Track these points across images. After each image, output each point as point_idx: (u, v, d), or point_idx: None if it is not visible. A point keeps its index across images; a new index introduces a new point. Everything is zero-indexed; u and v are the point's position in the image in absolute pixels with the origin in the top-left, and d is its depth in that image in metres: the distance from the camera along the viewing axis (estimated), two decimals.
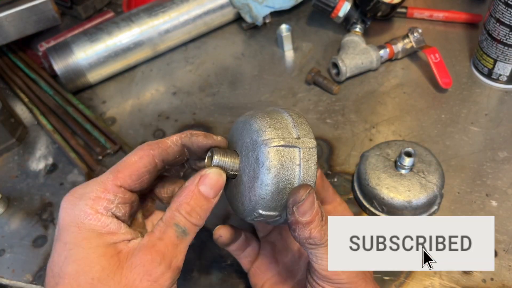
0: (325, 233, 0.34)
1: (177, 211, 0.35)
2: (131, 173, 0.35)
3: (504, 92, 0.62)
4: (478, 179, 0.53)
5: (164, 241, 0.34)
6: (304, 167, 0.34)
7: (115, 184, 0.35)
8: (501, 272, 0.46)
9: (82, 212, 0.33)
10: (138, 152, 0.36)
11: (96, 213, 0.34)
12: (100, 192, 0.34)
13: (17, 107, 0.69)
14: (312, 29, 0.75)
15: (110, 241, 0.33)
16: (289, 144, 0.34)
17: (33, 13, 0.69)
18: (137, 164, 0.36)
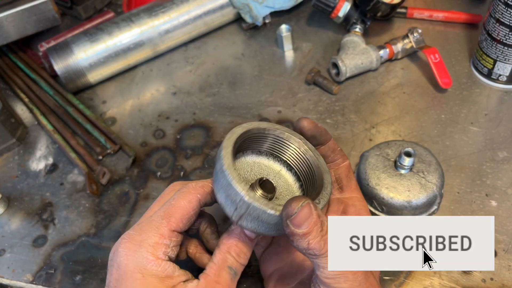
0: (325, 243, 0.34)
1: (228, 253, 0.38)
2: (182, 217, 0.38)
3: (503, 92, 0.62)
4: (478, 179, 0.53)
5: (221, 285, 0.37)
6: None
7: (170, 229, 0.37)
8: (500, 272, 0.46)
9: (145, 259, 0.36)
10: (186, 196, 0.38)
11: (157, 259, 0.36)
12: (158, 238, 0.37)
13: (18, 107, 0.69)
14: (312, 29, 0.75)
15: (170, 285, 0.36)
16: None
17: (33, 13, 0.70)
18: (187, 208, 0.38)
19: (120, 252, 0.37)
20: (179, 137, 0.62)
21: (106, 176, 0.58)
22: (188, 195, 0.38)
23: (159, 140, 0.62)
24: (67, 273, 0.51)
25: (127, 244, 0.37)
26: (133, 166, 0.60)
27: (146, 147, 0.62)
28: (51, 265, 0.52)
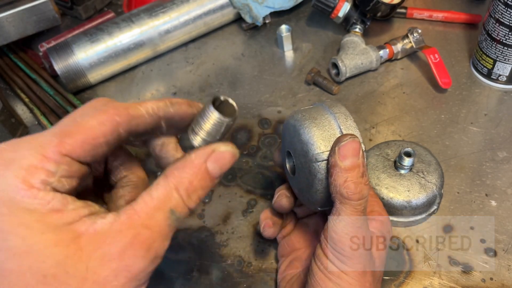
0: (361, 191, 0.33)
1: (176, 190, 0.28)
2: (84, 141, 0.27)
3: (503, 92, 0.62)
4: (478, 179, 0.53)
5: (151, 230, 0.26)
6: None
7: (59, 151, 0.26)
8: (500, 272, 0.46)
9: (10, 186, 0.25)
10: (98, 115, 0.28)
11: (31, 187, 0.25)
12: (36, 159, 0.26)
13: (18, 107, 0.69)
14: (312, 29, 0.75)
15: (59, 223, 0.25)
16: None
17: (33, 13, 0.70)
18: (95, 130, 0.27)
19: None
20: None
21: None
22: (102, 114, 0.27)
23: None
24: None
25: None
26: None
27: None
28: None
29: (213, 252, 0.50)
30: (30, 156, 0.26)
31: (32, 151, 0.26)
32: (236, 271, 0.49)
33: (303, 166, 0.38)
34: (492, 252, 0.47)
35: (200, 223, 0.53)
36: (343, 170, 0.33)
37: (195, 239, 0.52)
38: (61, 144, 0.26)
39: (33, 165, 0.25)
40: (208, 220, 0.53)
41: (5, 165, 0.25)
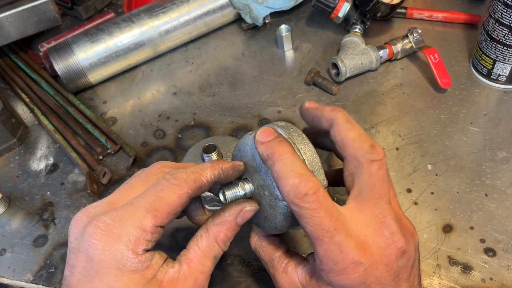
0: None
1: (216, 242, 0.37)
2: (169, 213, 0.35)
3: (503, 92, 0.62)
4: (477, 179, 0.53)
5: (204, 274, 0.36)
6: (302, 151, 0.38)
7: (154, 224, 0.34)
8: (500, 272, 0.46)
9: (124, 257, 0.33)
10: (177, 191, 0.35)
11: (137, 255, 0.33)
12: (139, 233, 0.34)
13: (18, 107, 0.69)
14: (312, 29, 0.75)
15: (150, 276, 0.34)
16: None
17: (33, 13, 0.70)
18: (176, 204, 0.35)
19: (94, 244, 0.33)
20: (180, 137, 0.63)
21: (106, 176, 0.58)
22: (179, 189, 0.35)
23: (159, 140, 0.63)
24: None
25: (103, 237, 0.33)
26: (133, 166, 0.60)
27: (146, 147, 0.62)
28: (52, 264, 0.52)
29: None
30: (134, 231, 0.33)
31: (135, 227, 0.34)
32: (236, 271, 0.49)
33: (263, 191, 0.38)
34: (491, 252, 0.48)
35: None
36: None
37: None
38: (155, 218, 0.34)
39: (137, 238, 0.34)
40: None
41: (117, 240, 0.33)
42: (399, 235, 0.35)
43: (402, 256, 0.35)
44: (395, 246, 0.35)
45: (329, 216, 0.33)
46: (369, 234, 0.35)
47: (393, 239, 0.35)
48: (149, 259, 0.34)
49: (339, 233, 0.33)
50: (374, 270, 0.34)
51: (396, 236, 0.35)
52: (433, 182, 0.54)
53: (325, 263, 0.34)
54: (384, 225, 0.35)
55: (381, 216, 0.35)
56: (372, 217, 0.35)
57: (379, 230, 0.35)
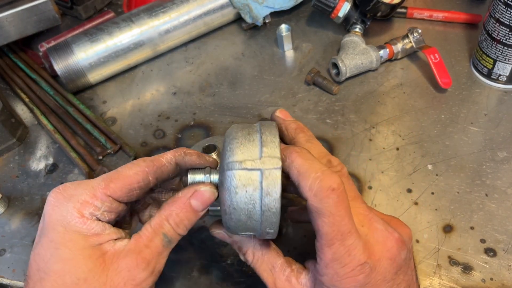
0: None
1: (167, 220, 0.37)
2: (122, 186, 0.37)
3: (503, 92, 0.62)
4: (478, 179, 0.53)
5: (150, 249, 0.36)
6: (265, 188, 0.34)
7: (105, 192, 0.36)
8: (500, 272, 0.46)
9: (69, 214, 0.35)
10: (133, 167, 0.37)
11: (82, 217, 0.35)
12: (88, 197, 0.36)
13: (18, 107, 0.69)
14: (312, 29, 0.75)
15: (95, 243, 0.35)
16: (249, 167, 0.34)
17: (33, 13, 0.70)
18: (131, 178, 0.37)
19: (48, 201, 0.36)
20: (179, 137, 0.63)
21: None
22: (136, 166, 0.37)
23: (159, 140, 0.63)
24: None
25: (58, 195, 0.36)
26: None
27: (146, 147, 0.62)
28: None
29: (213, 252, 0.50)
30: (85, 194, 0.36)
31: (86, 190, 0.36)
32: (236, 271, 0.49)
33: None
34: (492, 252, 0.47)
35: (200, 223, 0.53)
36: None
37: (195, 239, 0.52)
38: (106, 187, 0.36)
39: (85, 201, 0.36)
40: (208, 220, 0.53)
41: (67, 198, 0.36)
42: (390, 227, 0.35)
43: (403, 247, 0.35)
44: (393, 238, 0.35)
45: (348, 216, 0.33)
46: (367, 233, 0.35)
47: (388, 231, 0.35)
48: (100, 227, 0.35)
49: (351, 235, 0.33)
50: (379, 267, 0.34)
51: (389, 228, 0.35)
52: (433, 182, 0.54)
53: (331, 267, 0.34)
54: (374, 220, 0.35)
55: (367, 213, 0.36)
56: (361, 217, 0.35)
57: (372, 226, 0.35)
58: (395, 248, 0.34)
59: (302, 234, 0.51)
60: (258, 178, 0.34)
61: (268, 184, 0.34)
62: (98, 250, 0.35)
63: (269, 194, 0.34)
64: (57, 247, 0.34)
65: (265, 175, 0.34)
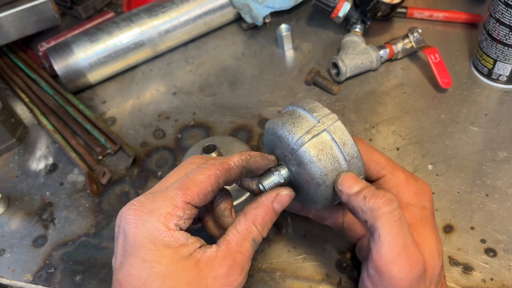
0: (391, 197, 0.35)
1: (254, 224, 0.38)
2: (199, 192, 0.36)
3: (504, 92, 0.62)
4: (478, 179, 0.53)
5: (243, 254, 0.37)
6: (339, 141, 0.37)
7: (184, 200, 0.36)
8: (500, 272, 0.46)
9: (155, 229, 0.34)
10: (205, 171, 0.37)
11: (169, 229, 0.35)
12: (170, 208, 0.35)
13: (18, 107, 0.69)
14: (312, 29, 0.75)
15: (186, 254, 0.35)
16: (315, 133, 0.37)
17: (33, 13, 0.70)
18: (205, 183, 0.37)
19: (128, 220, 0.35)
20: (179, 137, 0.62)
21: (106, 176, 0.58)
22: (207, 170, 0.37)
23: (159, 140, 0.63)
24: (67, 273, 0.51)
25: (137, 212, 0.35)
26: (133, 166, 0.60)
27: (146, 147, 0.62)
28: (51, 265, 0.52)
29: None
30: (165, 206, 0.35)
31: (166, 202, 0.35)
32: None
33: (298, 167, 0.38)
34: (492, 252, 0.47)
35: None
36: (356, 194, 0.36)
37: None
38: (185, 195, 0.36)
39: (168, 213, 0.35)
40: None
41: (149, 213, 0.35)
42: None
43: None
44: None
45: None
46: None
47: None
48: (185, 237, 0.35)
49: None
50: None
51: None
52: (433, 182, 0.54)
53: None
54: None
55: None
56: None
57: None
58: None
59: (302, 234, 0.51)
60: (329, 137, 0.37)
61: (339, 137, 0.37)
62: (191, 261, 0.35)
63: (345, 144, 0.37)
64: (152, 266, 0.34)
65: (332, 131, 0.37)
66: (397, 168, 0.42)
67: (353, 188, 0.36)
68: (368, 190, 0.36)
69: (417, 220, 0.39)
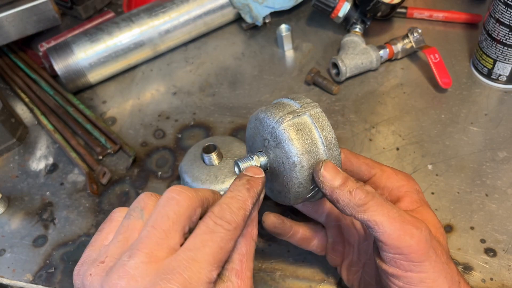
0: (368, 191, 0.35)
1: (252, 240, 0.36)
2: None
3: (503, 92, 0.62)
4: (478, 179, 0.53)
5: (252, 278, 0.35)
6: (319, 125, 0.37)
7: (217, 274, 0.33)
8: (500, 272, 0.46)
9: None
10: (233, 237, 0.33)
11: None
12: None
13: (18, 107, 0.69)
14: (312, 29, 0.75)
15: None
16: (296, 114, 0.37)
17: (33, 13, 0.70)
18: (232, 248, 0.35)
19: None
20: (179, 137, 0.62)
21: (106, 176, 0.58)
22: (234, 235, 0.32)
23: (159, 140, 0.63)
24: (67, 273, 0.51)
25: None
26: (133, 166, 0.60)
27: (146, 147, 0.62)
28: (51, 264, 0.52)
29: None
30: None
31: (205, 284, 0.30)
32: None
33: (275, 150, 0.38)
34: (492, 252, 0.47)
35: None
36: (341, 188, 0.35)
37: None
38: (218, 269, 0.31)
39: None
40: None
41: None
42: None
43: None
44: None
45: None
46: None
47: None
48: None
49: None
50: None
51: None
52: (433, 182, 0.54)
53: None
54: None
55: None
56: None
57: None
58: None
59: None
60: (309, 120, 0.37)
61: (319, 122, 0.37)
62: None
63: (324, 128, 0.37)
64: None
65: (312, 115, 0.37)
66: (383, 165, 0.42)
67: (336, 180, 0.35)
68: (351, 184, 0.35)
69: (417, 204, 0.39)
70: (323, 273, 0.48)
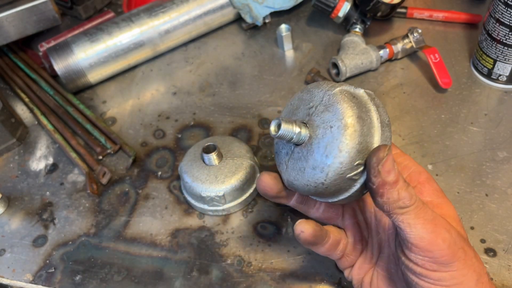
0: (414, 193, 0.33)
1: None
2: None
3: (503, 92, 0.62)
4: (478, 179, 0.53)
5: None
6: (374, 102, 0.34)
7: None
8: (500, 272, 0.46)
9: None
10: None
11: None
12: None
13: (18, 107, 0.69)
14: (312, 29, 0.75)
15: None
16: (351, 87, 0.34)
17: (33, 13, 0.70)
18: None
19: None
20: (179, 137, 0.63)
21: (106, 176, 0.58)
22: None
23: (159, 140, 0.63)
24: (67, 273, 0.51)
25: None
26: (133, 166, 0.60)
27: (146, 147, 0.62)
28: (51, 264, 0.52)
29: (213, 252, 0.50)
30: None
31: None
32: (236, 271, 0.49)
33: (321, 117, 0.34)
34: (492, 252, 0.47)
35: (200, 223, 0.53)
36: (392, 185, 0.32)
37: (195, 239, 0.52)
38: None
39: None
40: (208, 220, 0.53)
41: None
42: None
43: None
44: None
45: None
46: None
47: None
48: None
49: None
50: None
51: None
52: None
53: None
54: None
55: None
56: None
57: None
58: None
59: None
60: (365, 94, 0.34)
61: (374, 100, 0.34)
62: None
63: (379, 106, 0.34)
64: None
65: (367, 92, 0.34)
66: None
67: (391, 175, 0.32)
68: (402, 184, 0.33)
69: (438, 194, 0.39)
70: (323, 273, 0.48)
